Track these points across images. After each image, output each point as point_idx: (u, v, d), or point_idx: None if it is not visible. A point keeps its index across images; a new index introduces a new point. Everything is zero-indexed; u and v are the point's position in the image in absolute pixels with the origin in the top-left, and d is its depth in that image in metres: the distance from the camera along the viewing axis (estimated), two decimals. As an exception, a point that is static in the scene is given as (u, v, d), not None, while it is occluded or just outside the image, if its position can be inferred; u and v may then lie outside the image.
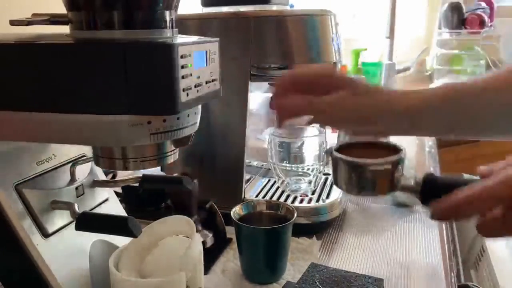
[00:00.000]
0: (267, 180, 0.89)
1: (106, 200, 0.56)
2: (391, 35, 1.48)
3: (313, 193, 0.81)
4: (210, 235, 0.67)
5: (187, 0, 0.77)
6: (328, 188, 0.84)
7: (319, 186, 0.84)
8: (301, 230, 0.71)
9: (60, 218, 0.48)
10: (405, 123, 0.45)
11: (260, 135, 1.04)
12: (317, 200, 0.78)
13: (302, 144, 0.82)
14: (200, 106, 0.43)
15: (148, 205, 0.71)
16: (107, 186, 0.56)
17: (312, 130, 0.82)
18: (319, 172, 0.82)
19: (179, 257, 0.49)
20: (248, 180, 0.85)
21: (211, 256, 0.66)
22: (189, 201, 0.66)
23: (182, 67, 0.37)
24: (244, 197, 0.77)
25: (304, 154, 0.81)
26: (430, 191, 0.44)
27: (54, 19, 0.40)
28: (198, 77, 0.40)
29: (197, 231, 0.52)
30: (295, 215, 0.61)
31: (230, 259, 0.67)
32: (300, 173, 0.80)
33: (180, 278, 0.46)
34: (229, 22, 0.74)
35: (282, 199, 0.80)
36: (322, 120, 0.51)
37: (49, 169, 0.50)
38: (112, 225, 0.44)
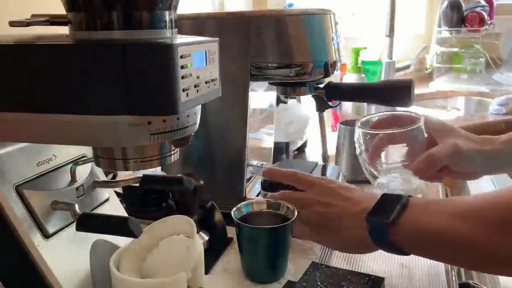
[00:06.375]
0: (267, 179, 0.88)
1: (107, 200, 0.57)
2: (390, 34, 1.47)
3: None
4: (207, 238, 0.67)
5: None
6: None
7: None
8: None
9: (61, 219, 0.48)
10: None
11: (256, 134, 1.03)
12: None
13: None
14: (200, 106, 0.43)
15: (149, 205, 0.70)
16: (108, 187, 0.56)
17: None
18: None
19: (180, 257, 0.49)
20: (248, 180, 0.85)
21: (212, 256, 0.66)
22: (193, 201, 0.66)
23: (182, 67, 0.37)
24: (245, 197, 0.77)
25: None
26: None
27: (53, 20, 0.40)
28: (198, 77, 0.40)
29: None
30: (296, 214, 0.61)
31: (231, 258, 0.67)
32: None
33: (181, 278, 0.46)
34: (229, 22, 0.74)
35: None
36: None
37: (49, 170, 0.50)
38: (112, 225, 0.44)
